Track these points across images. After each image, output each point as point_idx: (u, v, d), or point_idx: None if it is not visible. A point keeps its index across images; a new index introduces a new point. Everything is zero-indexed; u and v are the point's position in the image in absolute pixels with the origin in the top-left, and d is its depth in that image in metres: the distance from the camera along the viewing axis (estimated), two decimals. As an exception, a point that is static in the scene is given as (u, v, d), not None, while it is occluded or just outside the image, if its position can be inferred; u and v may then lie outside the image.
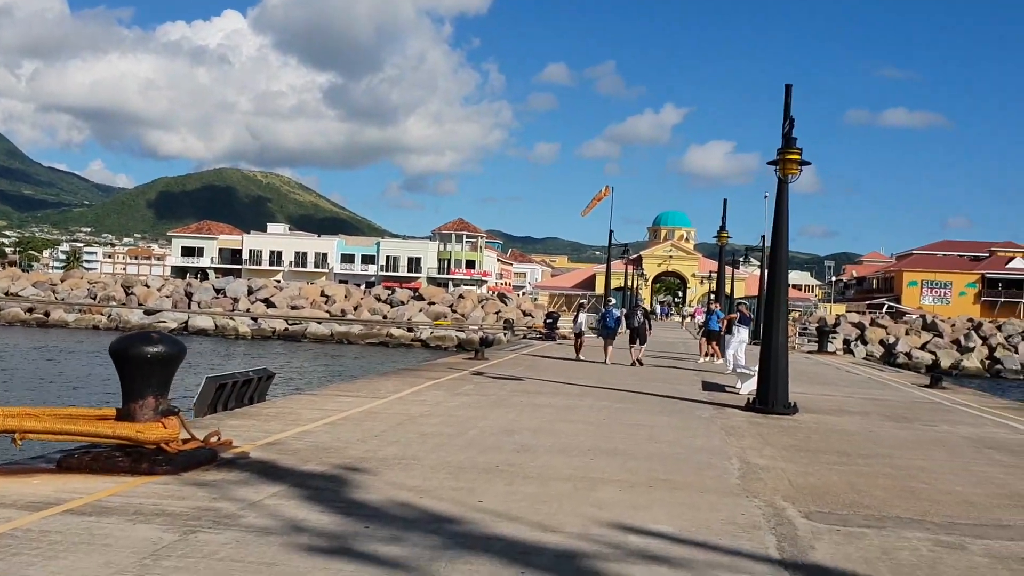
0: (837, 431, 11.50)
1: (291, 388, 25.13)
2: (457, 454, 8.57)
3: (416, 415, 11.17)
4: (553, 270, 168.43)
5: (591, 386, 15.96)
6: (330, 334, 65.83)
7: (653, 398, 14.42)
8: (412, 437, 9.47)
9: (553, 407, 12.59)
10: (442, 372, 17.45)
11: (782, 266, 13.03)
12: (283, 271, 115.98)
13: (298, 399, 12.67)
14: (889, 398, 16.73)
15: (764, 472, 8.35)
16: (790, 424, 11.93)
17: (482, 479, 7.46)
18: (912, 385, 20.30)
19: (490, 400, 13.11)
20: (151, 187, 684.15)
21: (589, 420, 11.38)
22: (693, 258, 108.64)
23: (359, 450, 8.59)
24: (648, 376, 18.94)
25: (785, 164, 12.58)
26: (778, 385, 12.84)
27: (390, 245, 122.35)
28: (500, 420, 11.03)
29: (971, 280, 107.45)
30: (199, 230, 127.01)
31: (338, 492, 6.83)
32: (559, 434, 10.07)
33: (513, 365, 20.16)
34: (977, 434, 11.94)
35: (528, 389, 14.87)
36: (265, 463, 7.82)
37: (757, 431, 11.09)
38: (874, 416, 13.50)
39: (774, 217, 13.08)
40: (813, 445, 10.20)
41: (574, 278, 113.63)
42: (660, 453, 9.10)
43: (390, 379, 15.73)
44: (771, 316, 13.04)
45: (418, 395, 13.36)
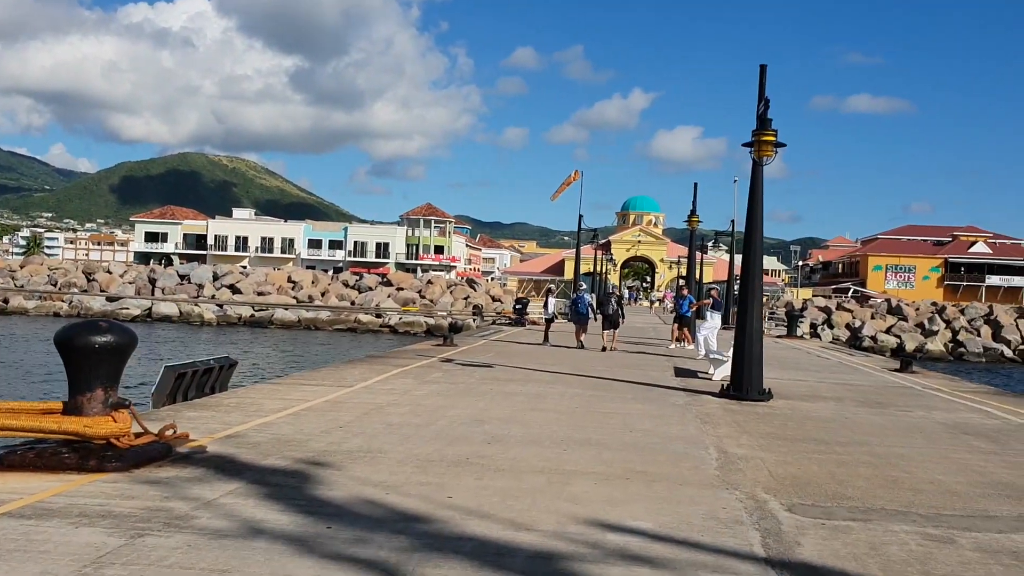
0: (813, 418, 11.31)
1: (255, 376, 24.62)
2: (425, 446, 8.23)
3: (383, 404, 10.81)
4: (522, 255, 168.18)
5: (562, 373, 15.68)
6: (297, 320, 65.10)
7: (626, 385, 14.16)
8: (378, 428, 9.11)
9: (524, 395, 12.29)
10: (410, 359, 17.08)
11: (756, 250, 12.79)
12: (249, 257, 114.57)
13: (261, 388, 12.25)
14: (861, 383, 16.62)
15: (743, 462, 8.10)
16: (765, 411, 11.72)
17: (451, 473, 7.13)
18: (882, 369, 20.26)
19: (459, 388, 12.77)
20: (114, 172, 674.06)
21: (561, 408, 11.09)
22: (662, 243, 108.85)
23: (323, 442, 8.22)
24: (620, 362, 18.70)
25: (760, 146, 12.32)
26: (752, 371, 12.63)
27: (358, 230, 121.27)
28: (470, 409, 10.70)
29: (934, 264, 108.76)
30: (163, 215, 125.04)
31: (300, 489, 6.47)
32: (531, 424, 9.77)
33: (483, 351, 19.83)
34: (952, 419, 11.81)
35: (498, 376, 14.56)
36: (223, 458, 7.43)
37: (733, 418, 10.86)
38: (848, 402, 13.35)
39: (749, 200, 12.83)
40: (790, 433, 9.98)
41: (543, 263, 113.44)
42: (635, 443, 8.82)
43: (357, 367, 15.34)
44: (745, 301, 12.81)
45: (385, 383, 12.99)
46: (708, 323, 20.47)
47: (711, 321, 20.51)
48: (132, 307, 66.76)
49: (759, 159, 12.44)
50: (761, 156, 12.37)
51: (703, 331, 20.37)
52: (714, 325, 20.58)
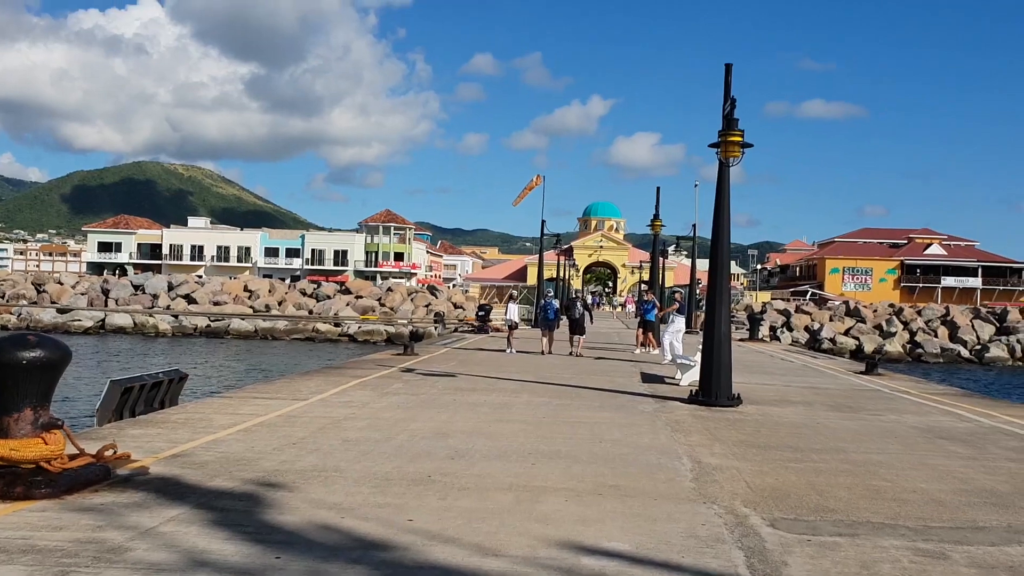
0: (785, 423, 11.02)
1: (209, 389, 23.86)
2: (384, 463, 7.75)
3: (340, 418, 10.31)
4: (484, 262, 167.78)
5: (527, 381, 15.27)
6: (254, 330, 64.03)
7: (593, 392, 13.79)
8: (335, 444, 8.62)
9: (488, 405, 11.85)
10: (369, 369, 16.55)
11: (723, 252, 12.50)
12: (205, 266, 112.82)
13: (211, 403, 11.67)
14: (829, 386, 16.43)
15: (718, 472, 7.75)
16: (736, 417, 11.40)
17: (412, 492, 6.67)
18: (848, 372, 20.13)
19: (420, 399, 12.30)
20: (66, 181, 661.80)
21: (527, 419, 10.67)
22: (624, 248, 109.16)
23: (275, 461, 7.72)
24: (586, 369, 18.34)
25: (727, 146, 12.03)
26: (721, 376, 12.31)
27: (315, 238, 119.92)
28: (432, 422, 10.24)
29: (891, 267, 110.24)
30: (116, 224, 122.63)
31: (248, 513, 5.97)
32: (496, 436, 9.33)
33: (445, 360, 19.35)
34: (925, 423, 11.59)
35: (461, 386, 14.10)
36: (166, 480, 6.90)
37: (704, 425, 10.52)
38: (818, 406, 13.10)
39: (715, 201, 12.53)
40: (763, 440, 9.66)
41: (505, 269, 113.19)
42: (606, 454, 8.43)
43: (313, 378, 14.78)
44: (713, 304, 12.50)
45: (342, 396, 12.47)
46: (672, 327, 20.23)
47: (675, 325, 20.28)
48: (84, 319, 65.27)
49: (726, 160, 12.15)
50: (728, 157, 12.08)
51: (668, 335, 20.12)
52: (678, 329, 20.37)
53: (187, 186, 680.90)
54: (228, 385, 26.05)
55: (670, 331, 20.15)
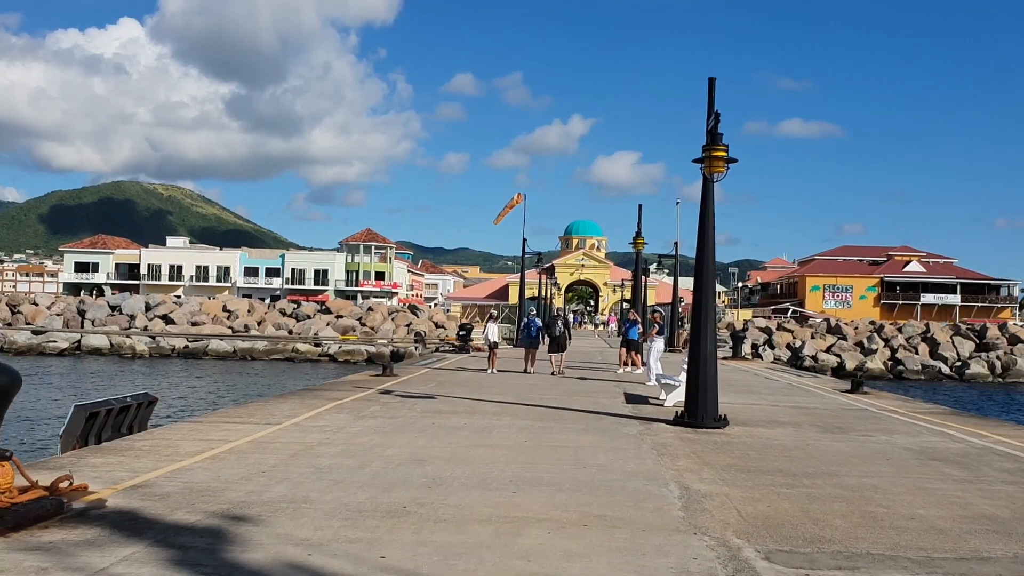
0: (774, 446, 10.69)
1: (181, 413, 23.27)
2: (357, 493, 7.36)
3: (313, 444, 9.89)
4: (465, 280, 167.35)
5: (509, 402, 14.89)
6: (233, 351, 63.18)
7: (576, 414, 13.43)
8: (306, 473, 8.21)
9: (468, 429, 11.47)
10: (346, 391, 16.13)
11: (708, 269, 12.21)
12: (184, 286, 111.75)
13: (180, 428, 11.22)
14: (816, 406, 16.15)
15: (708, 500, 7.40)
16: (723, 439, 11.08)
17: (386, 525, 6.28)
18: (834, 391, 19.88)
19: (398, 423, 11.89)
20: (44, 201, 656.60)
21: (509, 443, 10.29)
22: (605, 267, 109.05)
23: (241, 492, 7.30)
24: (568, 389, 17.99)
25: (711, 162, 11.77)
26: (708, 397, 12.00)
27: (295, 257, 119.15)
28: (409, 447, 9.85)
29: (871, 284, 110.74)
30: (93, 244, 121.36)
31: (209, 551, 5.57)
32: (476, 462, 8.95)
33: (424, 381, 18.94)
34: (917, 444, 11.31)
35: (440, 409, 13.71)
36: (124, 513, 6.48)
37: (691, 449, 10.18)
38: (807, 427, 12.80)
39: (700, 217, 12.26)
40: (752, 464, 9.33)
41: (487, 288, 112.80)
42: (590, 481, 8.07)
43: (288, 401, 14.34)
44: (698, 323, 12.19)
45: (317, 419, 12.05)
46: (654, 347, 19.97)
47: (655, 345, 20.04)
48: (59, 340, 64.25)
49: (710, 175, 11.89)
50: (712, 172, 11.82)
51: (652, 355, 19.88)
52: (659, 348, 20.14)
53: (167, 206, 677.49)
54: (202, 408, 25.49)
55: (653, 351, 19.90)
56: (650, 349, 20.02)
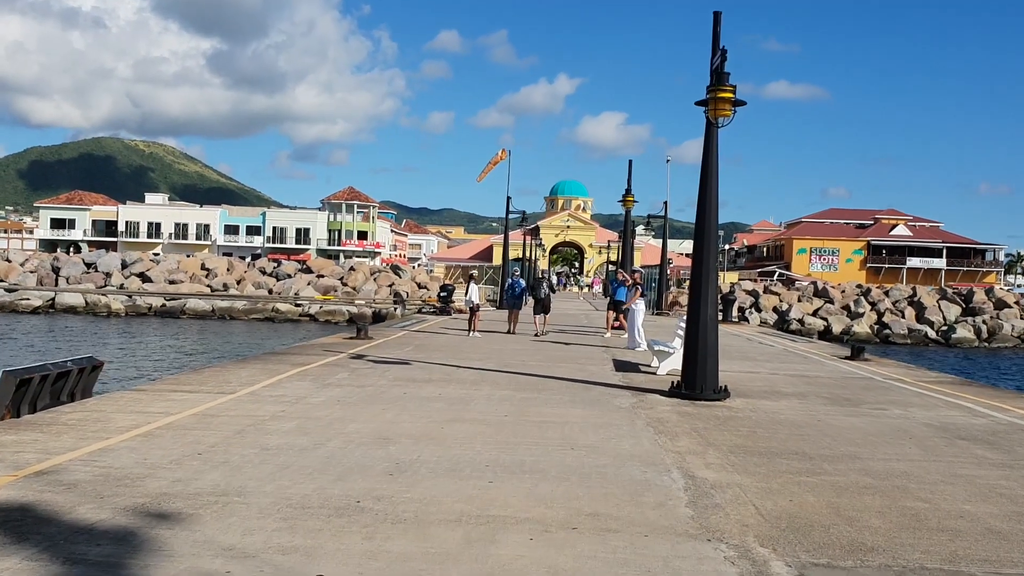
0: (783, 422, 9.61)
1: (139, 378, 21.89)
2: (305, 482, 6.21)
3: (265, 418, 8.73)
4: (449, 241, 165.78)
5: (489, 369, 13.75)
6: (211, 310, 61.77)
7: (562, 383, 12.30)
8: (250, 455, 7.05)
9: (443, 400, 10.32)
10: (315, 356, 14.95)
11: (710, 226, 11.03)
12: (163, 244, 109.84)
13: (118, 398, 10.02)
14: (818, 374, 15.10)
15: (719, 492, 6.30)
16: (725, 414, 9.99)
17: (332, 528, 5.14)
18: (833, 358, 18.86)
19: (366, 393, 10.73)
20: (23, 157, 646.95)
21: (487, 418, 9.15)
22: (591, 228, 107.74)
23: (167, 480, 6.15)
24: (553, 355, 16.87)
25: (717, 104, 10.53)
26: (707, 366, 10.89)
27: (276, 215, 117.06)
28: (374, 422, 8.69)
29: (857, 247, 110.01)
30: (70, 200, 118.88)
31: (104, 565, 4.41)
32: (448, 441, 7.81)
33: (400, 345, 17.77)
34: (937, 419, 10.25)
35: (414, 376, 12.54)
36: (14, 508, 5.32)
37: (691, 425, 9.08)
38: (813, 399, 11.73)
39: (702, 167, 11.05)
40: (762, 444, 8.24)
41: (471, 249, 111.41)
42: (580, 467, 6.95)
43: (248, 366, 13.13)
44: (699, 284, 11.03)
45: (276, 388, 10.87)
46: (637, 310, 18.96)
47: (638, 307, 19.04)
48: (33, 297, 62.67)
49: (715, 119, 10.65)
50: (718, 116, 10.58)
51: (636, 320, 18.84)
52: (642, 310, 19.18)
53: (148, 163, 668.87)
54: (166, 371, 24.24)
55: (637, 314, 18.91)
56: (633, 313, 18.97)
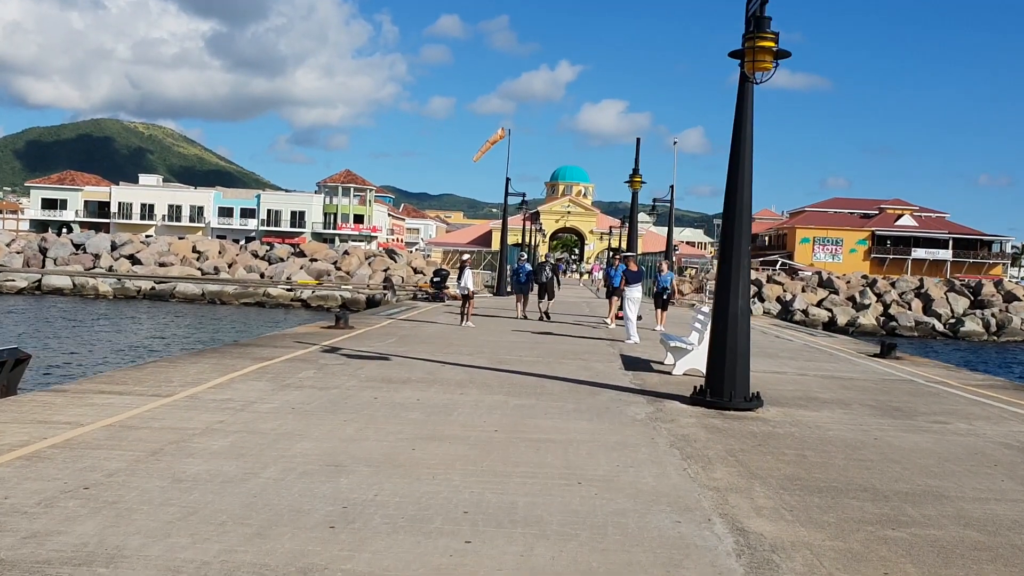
0: (834, 441, 7.87)
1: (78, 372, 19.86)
2: (211, 539, 4.46)
3: (196, 432, 6.99)
4: (448, 226, 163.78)
5: (480, 367, 12.00)
6: (201, 293, 60.05)
7: (563, 385, 10.55)
8: (153, 490, 5.31)
9: (421, 408, 8.56)
10: (283, 348, 13.20)
11: (743, 201, 9.25)
12: (156, 225, 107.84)
13: (27, 401, 8.25)
14: (851, 375, 13.37)
15: (783, 558, 4.56)
16: (763, 429, 8.25)
17: (221, 633, 3.40)
18: (860, 355, 17.12)
19: (329, 397, 8.97)
20: (20, 137, 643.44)
21: (472, 434, 7.40)
22: (592, 214, 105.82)
23: (20, 532, 4.41)
24: (554, 349, 15.13)
25: (756, 55, 8.74)
26: (738, 369, 9.16)
27: (271, 198, 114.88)
28: (330, 440, 6.95)
29: (861, 237, 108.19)
30: (61, 180, 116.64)
31: None
32: (419, 470, 6.07)
33: (382, 336, 16.01)
34: (1014, 438, 8.51)
35: (391, 375, 10.78)
36: None
37: (725, 446, 7.34)
38: (858, 407, 10.00)
39: (734, 133, 9.27)
40: (819, 474, 6.51)
41: (470, 234, 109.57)
42: (591, 514, 5.20)
43: (201, 361, 11.36)
44: (728, 270, 9.27)
45: (224, 390, 9.11)
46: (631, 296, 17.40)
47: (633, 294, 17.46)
48: (19, 279, 60.94)
49: (751, 74, 8.87)
50: (756, 70, 8.79)
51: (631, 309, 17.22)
52: (637, 298, 17.57)
53: (147, 144, 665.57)
54: (113, 365, 22.42)
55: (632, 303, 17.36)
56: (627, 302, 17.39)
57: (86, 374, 17.07)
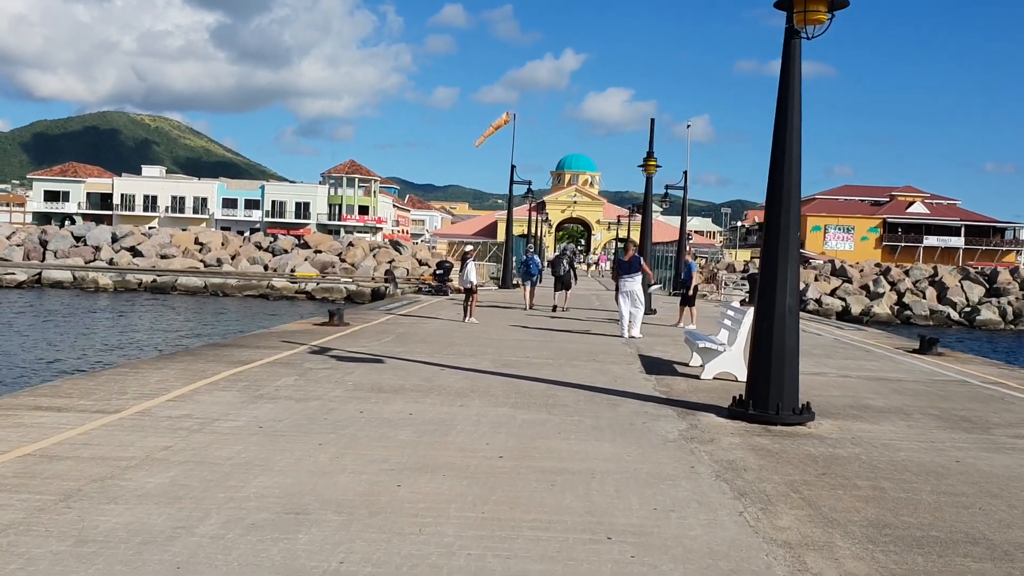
0: (909, 466, 6.51)
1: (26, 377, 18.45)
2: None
3: (130, 464, 5.66)
4: (453, 217, 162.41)
5: (483, 371, 10.66)
6: (203, 286, 58.89)
7: (579, 394, 9.20)
8: (42, 558, 3.99)
9: (413, 426, 7.22)
10: (267, 349, 11.88)
11: (791, 181, 7.87)
12: (159, 217, 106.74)
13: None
14: (898, 376, 12.00)
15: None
16: (823, 451, 6.89)
17: None
18: (898, 351, 15.74)
19: (306, 412, 7.64)
20: (27, 130, 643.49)
21: (472, 462, 6.05)
22: (598, 203, 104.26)
23: None
24: (565, 348, 13.78)
25: (807, 5, 7.35)
26: (785, 377, 7.80)
27: (276, 189, 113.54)
28: (296, 472, 5.62)
29: (873, 224, 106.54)
30: (64, 172, 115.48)
31: None
32: (403, 519, 4.73)
33: (378, 334, 14.67)
34: (1120, 458, 7.15)
35: (383, 383, 9.43)
36: None
37: (784, 477, 5.98)
38: (920, 418, 8.64)
39: (779, 100, 7.88)
40: (909, 517, 5.15)
41: (475, 225, 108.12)
42: (627, 588, 3.88)
43: (169, 366, 10.03)
44: (773, 260, 7.91)
45: (184, 403, 7.79)
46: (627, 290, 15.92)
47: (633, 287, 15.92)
48: (18, 272, 59.89)
49: (802, 27, 7.49)
50: (807, 23, 7.41)
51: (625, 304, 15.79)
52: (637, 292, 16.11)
53: (153, 136, 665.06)
54: (86, 366, 21.13)
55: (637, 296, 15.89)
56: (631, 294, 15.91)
57: (31, 382, 15.72)
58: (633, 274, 15.98)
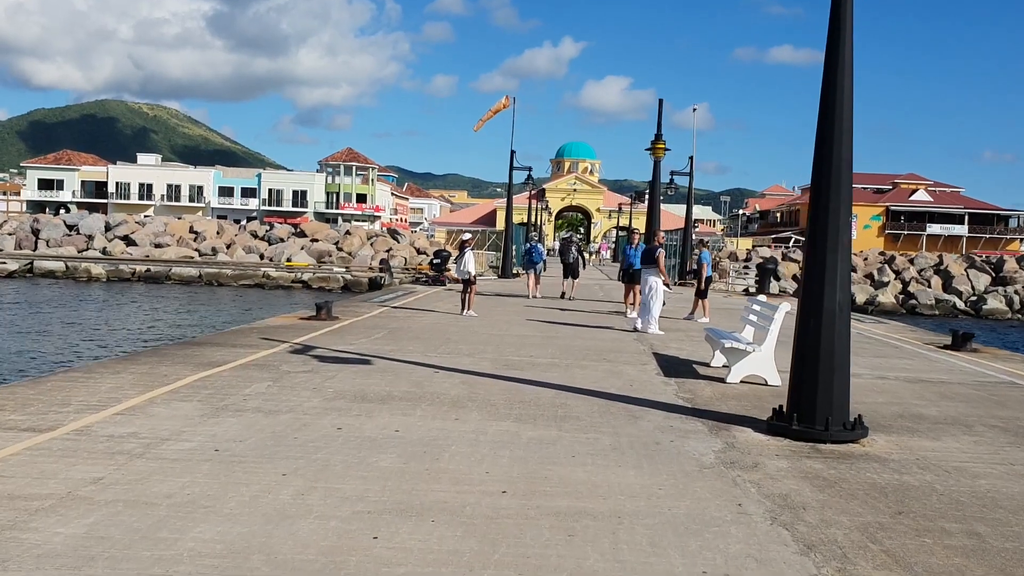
0: (998, 500, 5.38)
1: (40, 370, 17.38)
2: None
3: (44, 504, 4.53)
4: (452, 205, 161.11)
5: (482, 374, 9.52)
6: (198, 275, 57.76)
7: (591, 402, 8.06)
8: None
9: (399, 447, 6.09)
10: (243, 348, 10.74)
11: (842, 156, 6.73)
12: (155, 205, 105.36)
13: None
14: (940, 377, 10.87)
15: None
16: (888, 478, 5.76)
17: None
18: (930, 347, 14.61)
19: (274, 429, 6.51)
20: (24, 119, 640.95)
21: (468, 502, 4.91)
22: (598, 191, 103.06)
23: None
24: (572, 345, 12.63)
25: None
26: (835, 386, 6.67)
27: (272, 177, 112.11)
28: (249, 517, 4.48)
29: (875, 213, 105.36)
30: (58, 160, 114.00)
31: None
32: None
33: (369, 329, 13.52)
34: None
35: (368, 390, 8.29)
36: None
37: (852, 519, 4.84)
38: (983, 431, 7.51)
39: (827, 60, 6.71)
40: (1020, 576, 4.06)
41: (474, 213, 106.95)
42: None
43: (127, 370, 8.87)
44: (822, 253, 6.78)
45: (131, 418, 6.65)
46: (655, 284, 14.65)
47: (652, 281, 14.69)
48: (9, 261, 58.77)
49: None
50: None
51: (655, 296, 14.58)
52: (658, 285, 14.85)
53: (151, 125, 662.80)
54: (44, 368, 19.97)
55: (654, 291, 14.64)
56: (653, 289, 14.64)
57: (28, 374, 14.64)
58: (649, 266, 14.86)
